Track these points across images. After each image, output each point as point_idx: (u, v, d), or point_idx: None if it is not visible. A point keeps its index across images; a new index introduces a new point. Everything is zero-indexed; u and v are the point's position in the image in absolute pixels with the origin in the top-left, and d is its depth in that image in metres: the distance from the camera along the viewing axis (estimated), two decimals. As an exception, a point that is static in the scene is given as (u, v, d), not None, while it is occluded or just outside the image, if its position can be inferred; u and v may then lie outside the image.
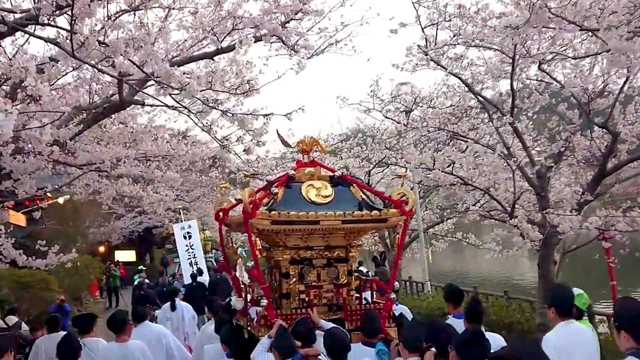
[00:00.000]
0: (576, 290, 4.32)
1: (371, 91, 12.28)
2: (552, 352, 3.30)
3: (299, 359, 3.98)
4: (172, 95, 5.57)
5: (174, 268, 20.86)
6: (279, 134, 5.40)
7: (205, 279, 14.98)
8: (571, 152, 8.81)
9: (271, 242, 5.05)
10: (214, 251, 30.41)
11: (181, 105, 6.57)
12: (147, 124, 9.65)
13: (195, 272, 14.83)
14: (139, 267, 20.51)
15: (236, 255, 5.69)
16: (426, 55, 7.96)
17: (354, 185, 5.23)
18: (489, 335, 3.74)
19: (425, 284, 14.89)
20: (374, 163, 14.19)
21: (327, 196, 4.92)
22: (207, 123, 6.53)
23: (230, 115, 5.83)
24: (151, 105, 8.81)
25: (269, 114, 6.00)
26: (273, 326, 4.49)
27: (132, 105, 8.29)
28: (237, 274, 10.67)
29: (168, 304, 9.81)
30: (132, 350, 5.61)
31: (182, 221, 18.50)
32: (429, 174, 9.72)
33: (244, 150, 6.89)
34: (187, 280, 14.40)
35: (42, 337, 7.20)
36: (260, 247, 5.08)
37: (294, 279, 4.90)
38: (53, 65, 5.33)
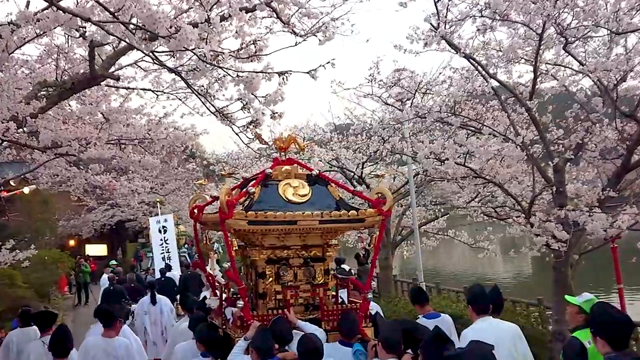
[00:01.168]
0: (586, 296, 4.33)
1: (370, 75, 10.84)
2: (465, 344, 3.73)
3: None
4: (157, 53, 4.90)
5: (147, 262, 20.76)
6: (257, 133, 5.44)
7: (175, 274, 15.03)
8: (591, 144, 8.05)
9: (247, 242, 5.10)
10: (187, 246, 30.33)
11: (169, 68, 5.42)
12: (122, 104, 8.80)
13: (164, 267, 14.86)
14: (111, 262, 20.33)
15: (212, 251, 5.71)
16: (436, 31, 7.01)
17: (331, 184, 5.31)
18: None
19: (420, 286, 13.81)
20: (369, 155, 13.57)
21: (304, 195, 4.98)
22: (202, 87, 5.38)
23: (235, 75, 4.68)
24: (127, 88, 8.28)
25: (286, 72, 4.88)
26: (249, 328, 4.54)
27: (106, 82, 7.41)
28: (208, 268, 10.71)
29: (147, 297, 9.88)
30: (117, 347, 5.60)
31: (158, 214, 18.36)
32: (440, 164, 8.84)
33: (251, 123, 5.20)
34: (158, 275, 14.30)
35: (14, 330, 7.24)
36: (237, 246, 5.12)
37: (271, 279, 4.95)
38: (13, 31, 4.34)
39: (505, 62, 8.10)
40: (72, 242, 26.81)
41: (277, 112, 4.95)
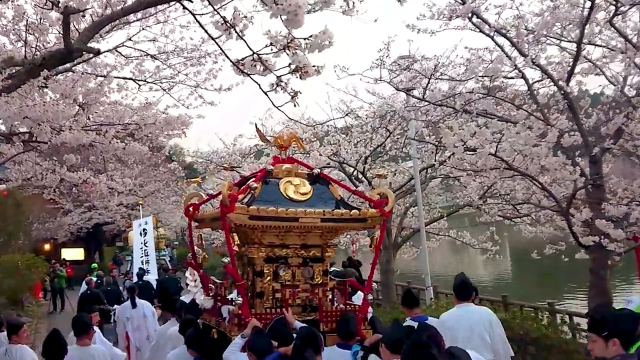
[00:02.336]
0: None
1: (379, 58, 9.63)
2: (441, 327, 4.77)
3: (276, 357, 4.05)
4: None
5: (126, 266, 20.59)
6: (257, 129, 5.47)
7: (151, 278, 15.04)
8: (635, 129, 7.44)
9: (246, 239, 5.10)
10: (168, 249, 30.15)
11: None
12: (101, 84, 7.88)
13: (140, 271, 14.82)
14: (92, 265, 20.14)
15: (204, 252, 5.69)
16: (464, 4, 6.47)
17: (332, 183, 5.36)
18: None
19: (427, 291, 12.28)
20: (372, 148, 12.77)
21: (305, 193, 5.02)
22: (220, 20, 3.59)
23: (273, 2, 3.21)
24: (105, 76, 7.67)
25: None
26: (247, 325, 4.54)
27: (83, 68, 7.14)
28: (187, 273, 10.64)
29: (127, 302, 9.82)
30: (94, 355, 5.61)
31: (139, 217, 18.39)
32: (470, 154, 7.98)
33: (296, 71, 3.62)
34: (135, 278, 14.42)
35: None
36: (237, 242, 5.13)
37: (269, 278, 4.96)
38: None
39: (535, 41, 7.53)
40: (47, 246, 26.48)
41: (319, 66, 3.62)
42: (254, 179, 5.01)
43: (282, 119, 13.39)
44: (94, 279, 14.15)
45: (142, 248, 16.84)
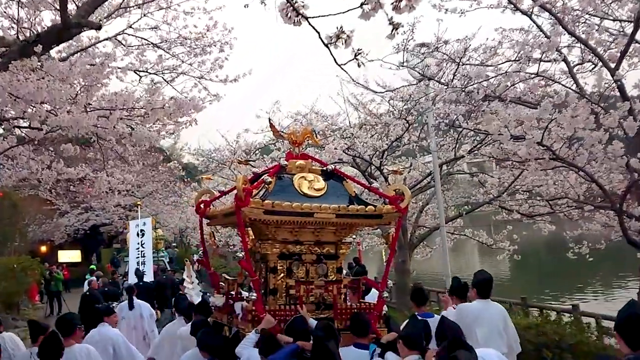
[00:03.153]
0: None
1: (403, 41, 8.71)
2: (460, 319, 5.02)
3: (294, 349, 4.05)
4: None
5: (124, 267, 20.65)
6: (271, 124, 5.48)
7: (147, 280, 15.18)
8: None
9: (259, 235, 5.11)
10: (168, 250, 30.18)
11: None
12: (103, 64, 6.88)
13: (139, 272, 15.13)
14: (90, 266, 20.14)
15: (218, 249, 5.71)
16: None
17: (347, 180, 5.37)
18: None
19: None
20: (390, 141, 11.74)
21: (319, 189, 5.04)
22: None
23: None
24: (102, 64, 6.66)
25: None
26: (261, 321, 4.53)
27: (81, 58, 6.39)
28: (185, 274, 10.70)
29: (124, 302, 9.87)
30: (77, 354, 5.53)
31: (136, 218, 18.51)
32: (516, 142, 7.31)
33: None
34: (132, 279, 14.56)
35: None
36: (252, 237, 5.13)
37: (282, 274, 4.97)
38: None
39: (577, 20, 6.98)
40: (43, 248, 26.34)
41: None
42: (267, 174, 5.02)
43: (290, 113, 12.80)
44: (94, 279, 14.13)
45: (138, 249, 17.03)
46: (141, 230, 17.41)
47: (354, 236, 12.84)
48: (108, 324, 6.86)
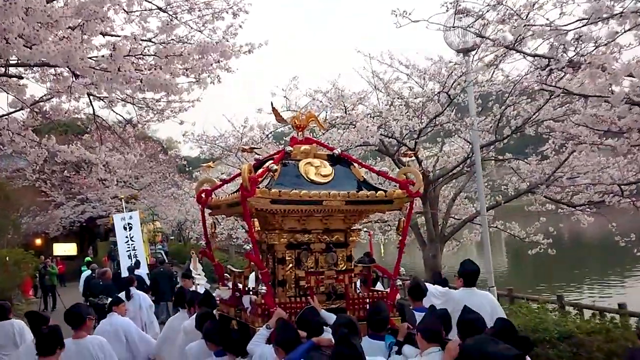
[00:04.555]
0: None
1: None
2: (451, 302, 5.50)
3: (309, 347, 4.02)
4: None
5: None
6: (274, 108, 5.42)
7: (142, 272, 15.54)
8: None
9: (265, 225, 5.06)
10: (164, 244, 30.27)
11: None
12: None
13: (133, 264, 15.63)
14: (86, 258, 20.15)
15: (216, 243, 5.65)
16: None
17: (354, 164, 5.32)
18: None
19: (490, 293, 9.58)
20: (428, 119, 10.44)
21: (327, 175, 4.98)
22: None
23: None
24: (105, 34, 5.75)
25: None
26: (272, 316, 4.51)
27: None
28: (191, 266, 10.72)
29: (122, 293, 9.90)
30: (89, 347, 5.55)
31: (134, 210, 18.79)
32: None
33: None
34: (124, 273, 14.78)
35: None
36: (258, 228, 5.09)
37: (291, 265, 4.93)
38: None
39: None
40: (37, 241, 26.37)
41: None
42: (272, 160, 4.96)
43: (309, 90, 11.37)
44: (108, 270, 14.35)
45: (127, 242, 17.33)
46: (128, 224, 17.66)
47: (365, 229, 12.18)
48: (117, 314, 7.02)
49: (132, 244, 17.36)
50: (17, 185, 21.26)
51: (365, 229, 12.00)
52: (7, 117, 7.40)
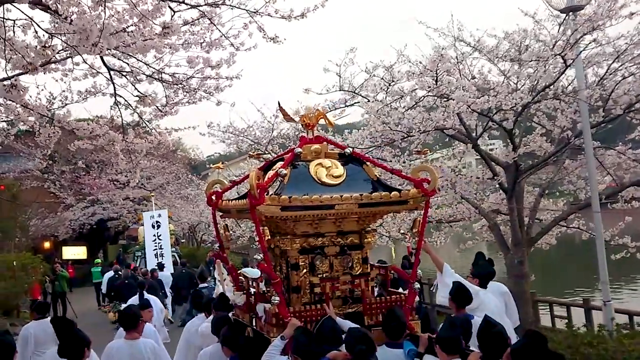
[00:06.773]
0: None
1: None
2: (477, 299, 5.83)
3: None
4: None
5: (136, 263, 21.12)
6: (280, 107, 5.48)
7: (167, 273, 16.13)
8: None
9: (277, 230, 5.12)
10: (177, 247, 30.54)
11: None
12: None
13: (158, 265, 16.27)
14: (95, 260, 20.51)
15: (229, 242, 5.78)
16: None
17: (367, 163, 5.36)
18: None
19: (606, 308, 9.19)
20: (538, 90, 9.24)
21: (338, 176, 4.99)
22: None
23: None
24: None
25: None
26: (287, 326, 4.55)
27: None
28: (215, 272, 10.89)
29: (135, 297, 10.50)
30: (142, 350, 5.87)
31: (150, 210, 19.27)
32: None
33: None
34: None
35: (31, 322, 7.89)
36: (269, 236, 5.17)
37: (305, 270, 4.99)
38: None
39: None
40: (46, 244, 26.59)
41: None
42: (282, 163, 5.02)
43: (368, 65, 10.19)
44: (141, 268, 14.94)
45: (155, 241, 17.71)
46: (157, 222, 18.09)
47: (402, 231, 11.61)
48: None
49: (159, 243, 17.85)
50: (26, 186, 21.51)
51: (402, 231, 11.54)
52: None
